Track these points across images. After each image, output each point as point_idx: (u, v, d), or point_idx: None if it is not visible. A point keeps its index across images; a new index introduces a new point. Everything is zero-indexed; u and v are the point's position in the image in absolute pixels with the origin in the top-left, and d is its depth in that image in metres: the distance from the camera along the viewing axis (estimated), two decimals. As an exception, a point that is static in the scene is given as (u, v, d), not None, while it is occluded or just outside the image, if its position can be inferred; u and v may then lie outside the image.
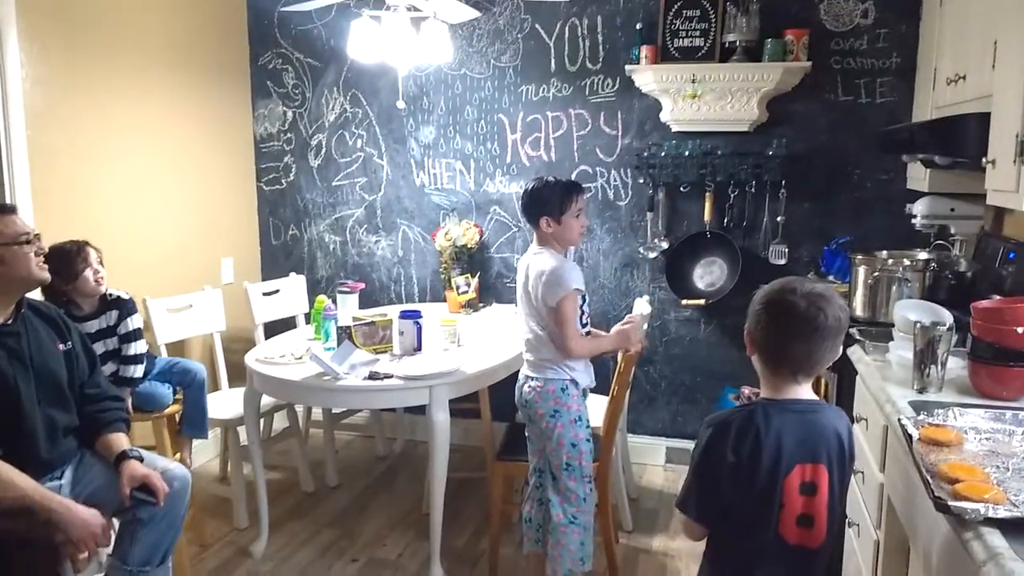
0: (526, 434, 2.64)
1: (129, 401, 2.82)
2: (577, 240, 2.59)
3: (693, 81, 3.26)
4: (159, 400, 2.92)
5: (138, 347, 2.86)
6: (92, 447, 2.31)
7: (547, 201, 2.45)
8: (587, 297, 2.57)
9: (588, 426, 2.53)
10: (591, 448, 2.52)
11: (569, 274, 2.41)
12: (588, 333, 2.57)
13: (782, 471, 1.45)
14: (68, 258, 2.70)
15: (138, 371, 2.86)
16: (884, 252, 2.78)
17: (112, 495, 2.17)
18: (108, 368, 2.79)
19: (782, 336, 1.48)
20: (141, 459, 2.26)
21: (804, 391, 1.53)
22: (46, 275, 2.19)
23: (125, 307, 2.86)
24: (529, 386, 2.51)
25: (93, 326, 2.79)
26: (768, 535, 1.46)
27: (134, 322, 2.86)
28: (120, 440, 2.30)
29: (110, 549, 2.22)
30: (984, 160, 2.04)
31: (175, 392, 3.01)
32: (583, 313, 2.52)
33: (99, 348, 2.75)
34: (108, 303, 2.84)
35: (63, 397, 2.25)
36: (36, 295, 2.58)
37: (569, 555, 2.47)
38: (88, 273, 2.73)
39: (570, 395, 2.49)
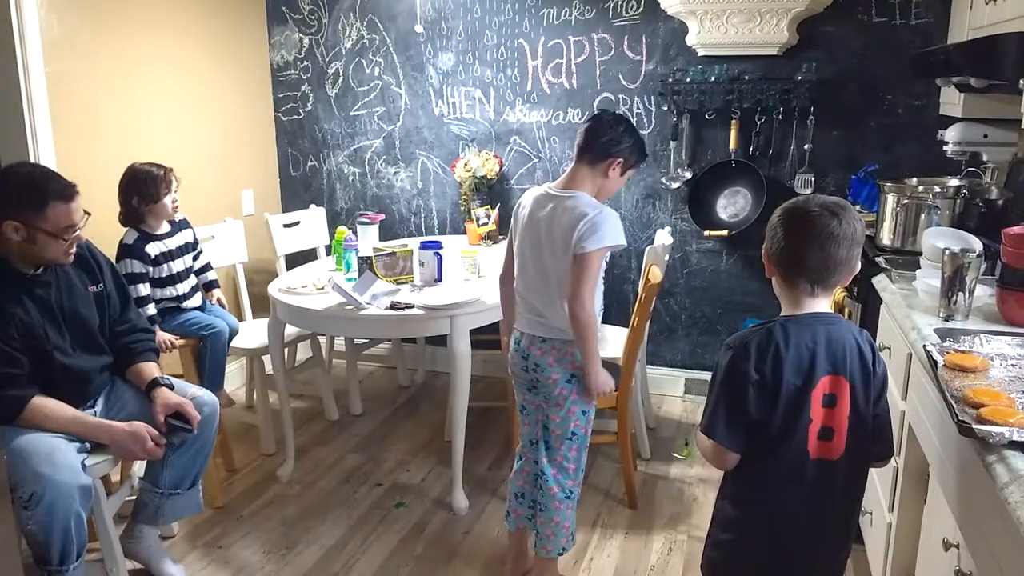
0: (520, 404, 2.39)
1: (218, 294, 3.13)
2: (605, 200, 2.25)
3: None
4: (232, 321, 3.08)
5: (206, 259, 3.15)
6: (123, 376, 2.37)
7: (633, 146, 2.18)
8: None
9: None
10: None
11: (617, 223, 2.13)
12: None
13: (808, 384, 1.45)
14: (155, 182, 2.76)
15: (215, 272, 3.17)
16: (914, 179, 2.72)
17: (144, 420, 2.22)
18: (191, 280, 2.96)
19: (798, 244, 1.47)
20: (172, 387, 2.32)
21: (821, 305, 1.51)
22: (70, 259, 2.18)
23: (190, 225, 3.02)
24: (541, 348, 2.22)
25: (173, 243, 2.89)
26: (793, 450, 1.46)
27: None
28: (151, 368, 2.36)
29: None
30: (1022, 82, 1.96)
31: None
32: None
33: (183, 264, 2.93)
34: (176, 223, 2.94)
35: (96, 341, 2.29)
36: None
37: (563, 532, 2.31)
38: (167, 200, 2.79)
39: None
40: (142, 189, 2.75)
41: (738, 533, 1.59)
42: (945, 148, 2.92)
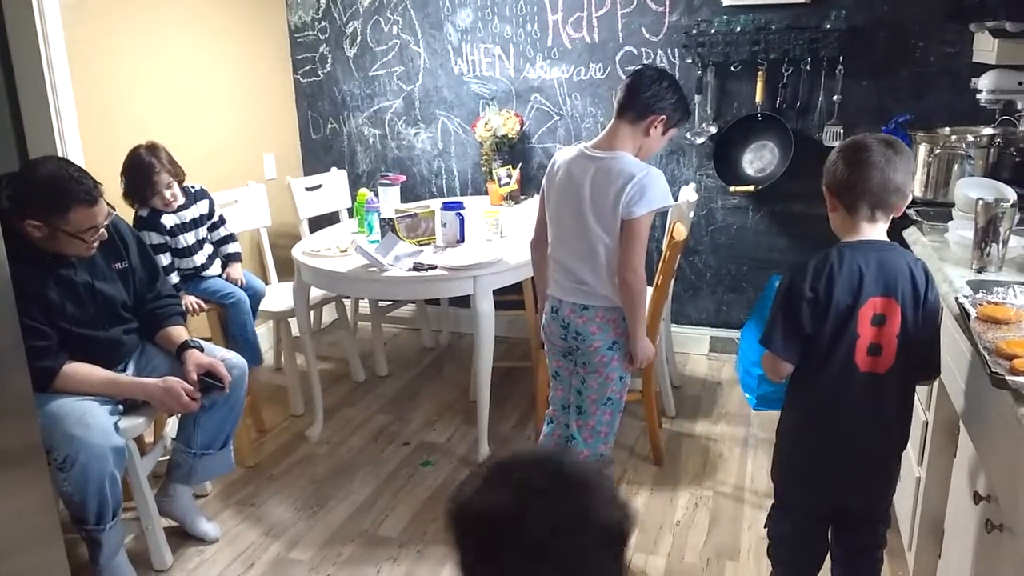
0: (554, 371, 2.35)
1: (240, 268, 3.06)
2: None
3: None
4: (259, 285, 3.12)
5: (230, 225, 3.11)
6: (152, 341, 2.41)
7: (676, 104, 2.09)
8: None
9: None
10: None
11: (664, 183, 2.05)
12: None
13: (856, 303, 1.59)
14: (140, 183, 2.72)
15: (238, 245, 3.10)
16: (946, 129, 2.65)
17: (176, 379, 2.26)
18: (206, 251, 2.95)
19: (860, 171, 1.60)
20: (201, 349, 2.35)
21: (879, 232, 1.64)
22: (92, 252, 2.17)
23: (208, 195, 2.99)
24: (583, 317, 2.16)
25: (188, 215, 2.87)
26: (841, 362, 1.62)
27: (218, 206, 3.05)
28: (180, 332, 2.39)
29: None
30: (1063, 23, 1.89)
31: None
32: None
33: (196, 236, 2.89)
34: (193, 194, 2.92)
35: (121, 315, 2.30)
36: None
37: None
38: (156, 200, 2.75)
39: (625, 323, 2.19)
40: (132, 186, 2.73)
41: (797, 438, 1.78)
42: (978, 96, 2.83)
